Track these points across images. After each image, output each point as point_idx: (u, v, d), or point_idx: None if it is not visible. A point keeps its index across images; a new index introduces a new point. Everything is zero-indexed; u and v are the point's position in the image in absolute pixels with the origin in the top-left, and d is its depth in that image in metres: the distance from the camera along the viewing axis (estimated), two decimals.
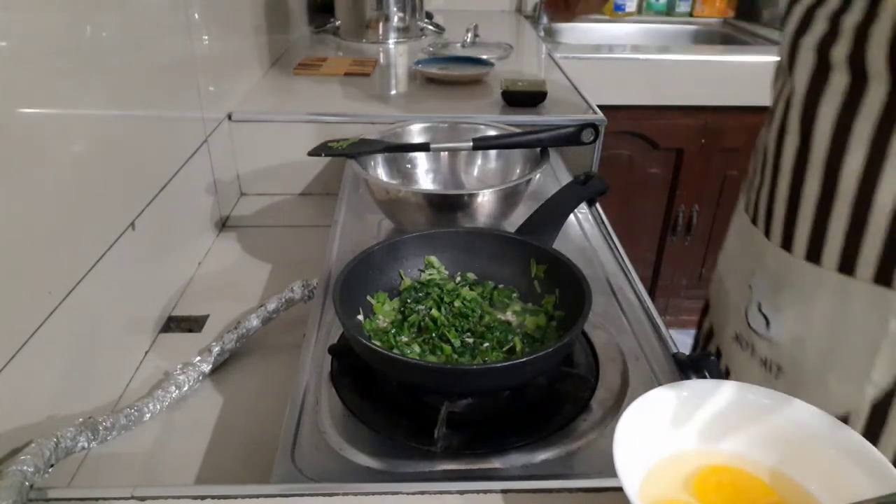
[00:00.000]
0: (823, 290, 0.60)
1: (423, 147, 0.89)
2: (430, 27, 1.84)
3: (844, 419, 0.62)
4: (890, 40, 0.50)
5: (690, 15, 2.24)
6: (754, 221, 0.68)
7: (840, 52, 0.54)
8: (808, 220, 0.60)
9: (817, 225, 0.60)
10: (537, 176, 0.82)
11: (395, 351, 0.59)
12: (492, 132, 0.94)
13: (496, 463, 0.52)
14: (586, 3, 0.91)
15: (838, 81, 0.55)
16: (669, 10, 2.23)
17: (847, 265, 0.58)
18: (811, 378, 0.63)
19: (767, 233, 0.65)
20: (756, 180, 0.68)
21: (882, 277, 0.56)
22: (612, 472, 0.37)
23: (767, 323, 0.66)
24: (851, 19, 0.53)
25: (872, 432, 0.61)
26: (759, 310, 0.67)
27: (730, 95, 1.71)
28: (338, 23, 1.78)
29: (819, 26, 0.56)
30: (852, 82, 0.54)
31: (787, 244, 0.63)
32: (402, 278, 0.69)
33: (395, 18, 1.74)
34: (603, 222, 0.92)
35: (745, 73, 1.69)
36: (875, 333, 0.58)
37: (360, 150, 0.84)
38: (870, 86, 0.53)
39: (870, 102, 0.53)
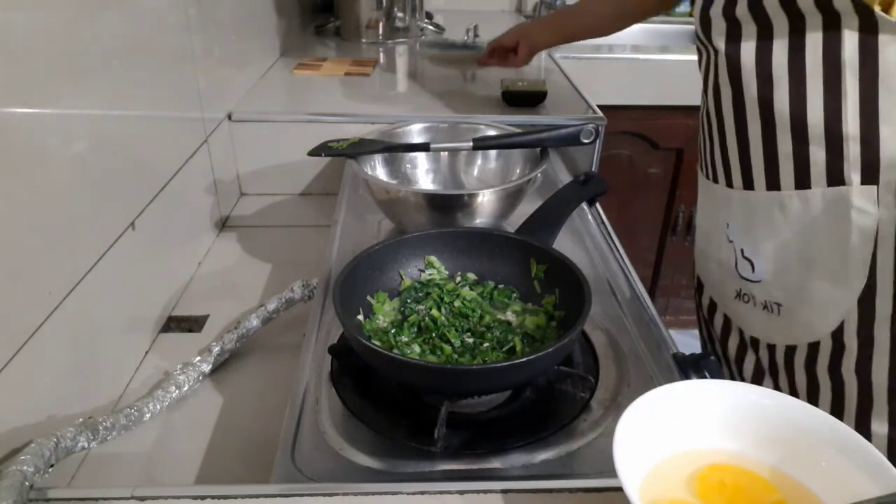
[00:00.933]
0: (788, 211, 0.67)
1: (423, 147, 0.89)
2: (430, 27, 1.84)
3: (840, 330, 0.68)
4: None
5: (690, 15, 2.24)
6: (715, 179, 0.75)
7: (742, 9, 0.64)
8: (760, 155, 0.68)
9: (768, 156, 0.67)
10: (537, 176, 0.82)
11: (395, 351, 0.59)
12: (492, 132, 0.94)
13: (496, 463, 0.52)
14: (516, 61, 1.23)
15: (749, 31, 0.65)
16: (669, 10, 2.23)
17: (802, 181, 0.65)
18: (803, 300, 0.70)
19: (729, 182, 0.73)
20: (707, 144, 0.77)
21: (834, 180, 0.63)
22: (612, 472, 0.37)
23: (752, 266, 0.73)
24: None
25: (864, 333, 0.67)
26: (744, 256, 0.73)
27: None
28: (338, 23, 1.78)
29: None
30: (759, 29, 0.64)
31: (748, 184, 0.70)
32: (402, 278, 0.69)
33: (395, 18, 1.73)
34: (603, 222, 0.92)
35: None
36: (842, 229, 0.64)
37: (360, 150, 0.84)
38: (774, 26, 0.63)
39: (779, 39, 0.63)
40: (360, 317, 0.63)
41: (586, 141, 0.85)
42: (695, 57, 0.80)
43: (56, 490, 0.49)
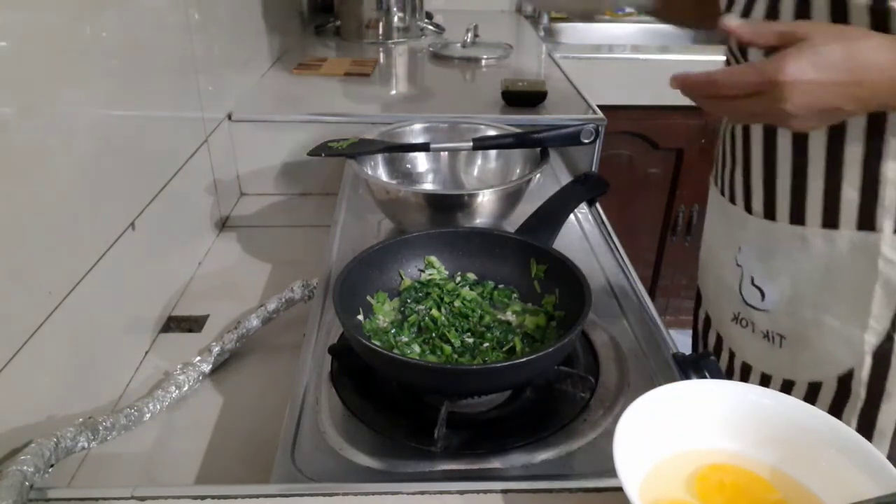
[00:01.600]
0: (811, 248, 0.64)
1: (423, 147, 0.89)
2: (430, 27, 1.84)
3: (848, 376, 0.64)
4: (829, 9, 0.55)
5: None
6: (732, 200, 0.72)
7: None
8: (787, 187, 0.64)
9: (796, 189, 0.63)
10: (537, 176, 0.82)
11: (395, 351, 0.59)
12: (492, 132, 0.94)
13: (496, 463, 0.52)
14: None
15: None
16: None
17: (830, 219, 0.62)
18: (812, 338, 0.66)
19: (748, 207, 0.69)
20: (728, 164, 0.72)
21: (864, 223, 0.60)
22: (612, 472, 0.37)
23: (762, 295, 0.69)
24: None
25: (877, 384, 0.63)
26: (753, 283, 0.70)
27: None
28: (338, 23, 1.78)
29: (760, 7, 0.60)
30: None
31: (769, 213, 0.67)
32: (402, 278, 0.69)
33: (395, 18, 1.73)
34: (603, 222, 0.92)
35: None
36: (866, 277, 0.61)
37: (360, 150, 0.84)
38: None
39: None
40: (360, 317, 0.63)
41: (586, 141, 0.85)
42: (695, 57, 0.79)
43: (56, 490, 0.49)
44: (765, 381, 0.73)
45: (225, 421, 0.66)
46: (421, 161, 0.96)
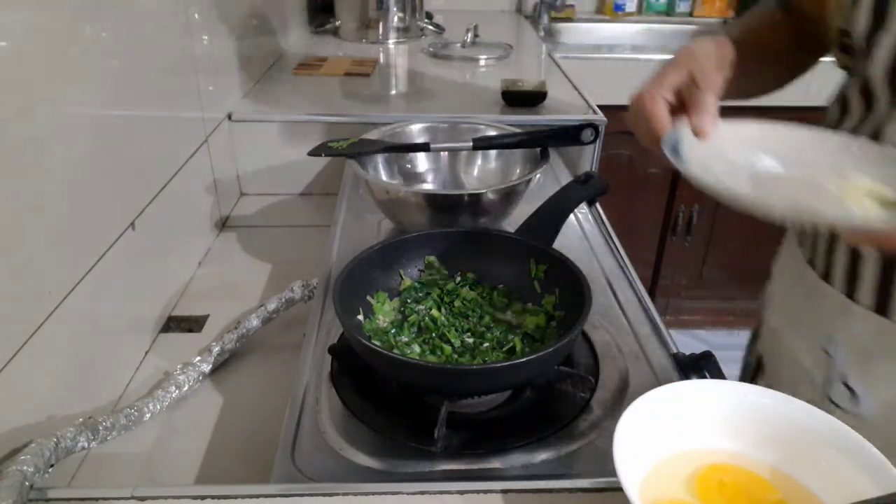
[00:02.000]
0: None
1: (423, 147, 0.89)
2: (430, 27, 1.84)
3: None
4: None
5: (690, 15, 2.24)
6: (827, 279, 0.59)
7: None
8: None
9: None
10: (537, 176, 0.82)
11: (395, 351, 0.59)
12: (492, 132, 0.94)
13: (496, 463, 0.52)
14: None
15: None
16: (669, 10, 2.23)
17: None
18: None
19: (852, 294, 0.57)
20: (824, 236, 0.61)
21: None
22: (612, 472, 0.37)
23: (856, 398, 0.59)
24: None
25: None
26: (846, 384, 0.59)
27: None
28: (338, 23, 1.78)
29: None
30: None
31: (882, 309, 0.55)
32: (402, 278, 0.69)
33: (395, 18, 1.73)
34: (603, 222, 0.92)
35: None
36: None
37: (360, 150, 0.84)
38: None
39: None
40: (360, 317, 0.63)
41: (586, 141, 0.85)
42: None
43: (56, 490, 0.49)
44: None
45: (225, 421, 0.66)
46: (421, 161, 0.96)
